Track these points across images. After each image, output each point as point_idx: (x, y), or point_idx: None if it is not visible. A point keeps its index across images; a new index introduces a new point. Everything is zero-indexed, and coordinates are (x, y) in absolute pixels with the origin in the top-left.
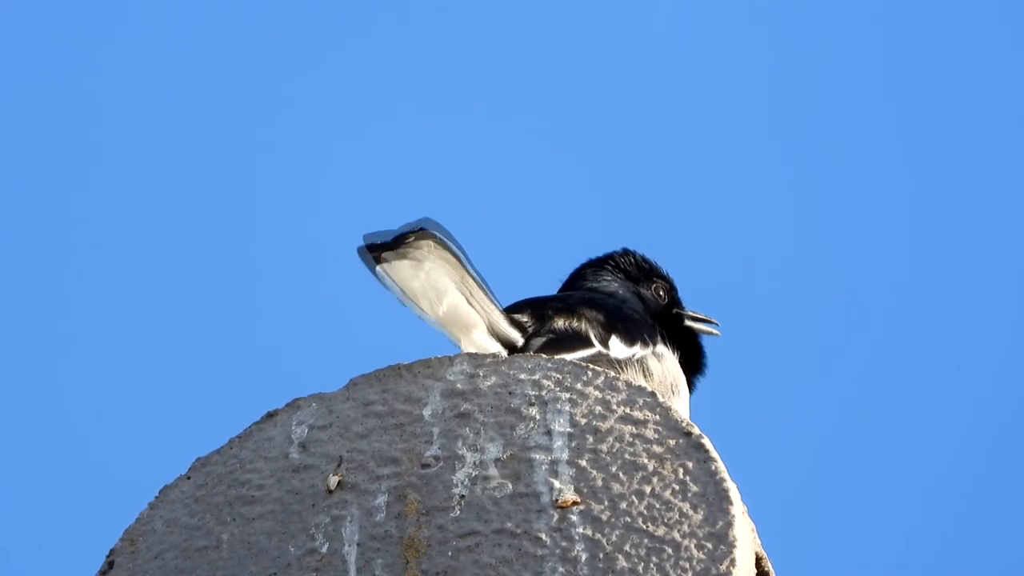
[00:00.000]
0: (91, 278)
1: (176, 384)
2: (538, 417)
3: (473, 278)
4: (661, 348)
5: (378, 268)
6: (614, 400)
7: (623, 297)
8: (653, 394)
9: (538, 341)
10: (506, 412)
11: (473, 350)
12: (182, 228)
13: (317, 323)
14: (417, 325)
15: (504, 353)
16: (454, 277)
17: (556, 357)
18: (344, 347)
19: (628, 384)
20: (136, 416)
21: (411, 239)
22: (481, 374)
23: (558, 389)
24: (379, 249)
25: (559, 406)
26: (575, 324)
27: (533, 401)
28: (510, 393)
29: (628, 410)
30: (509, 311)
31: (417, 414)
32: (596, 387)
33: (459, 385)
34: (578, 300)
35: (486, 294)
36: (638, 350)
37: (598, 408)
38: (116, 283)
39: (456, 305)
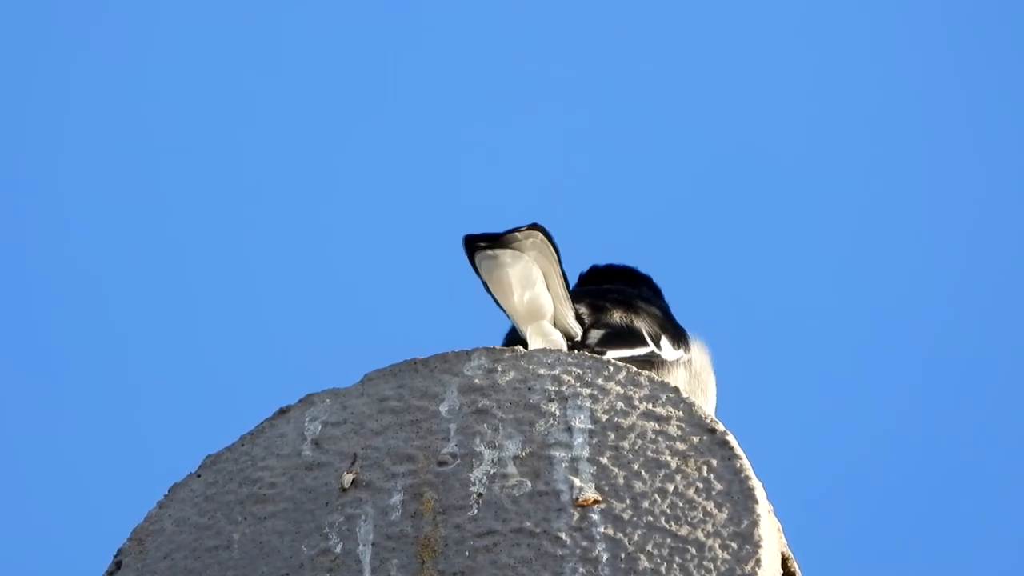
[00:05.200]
0: (99, 274)
1: (186, 380)
2: (558, 413)
3: (560, 274)
4: (693, 352)
5: (479, 254)
6: (636, 396)
7: (664, 304)
8: (676, 390)
9: (597, 333)
10: (525, 408)
11: (539, 338)
12: (193, 222)
13: (331, 317)
14: (431, 319)
15: (563, 342)
16: (545, 269)
17: (609, 353)
18: (359, 341)
19: (650, 379)
20: (146, 412)
21: (522, 232)
22: (499, 369)
23: (578, 384)
24: (485, 242)
25: (579, 402)
26: (632, 321)
27: (553, 397)
28: (529, 388)
29: (650, 406)
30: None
31: (433, 410)
32: (617, 382)
33: (477, 380)
34: (633, 295)
35: (565, 290)
36: (683, 354)
37: (620, 404)
38: (126, 278)
39: (538, 295)
